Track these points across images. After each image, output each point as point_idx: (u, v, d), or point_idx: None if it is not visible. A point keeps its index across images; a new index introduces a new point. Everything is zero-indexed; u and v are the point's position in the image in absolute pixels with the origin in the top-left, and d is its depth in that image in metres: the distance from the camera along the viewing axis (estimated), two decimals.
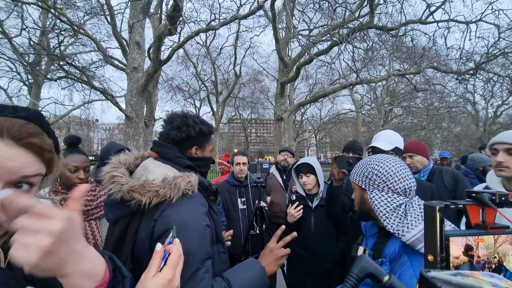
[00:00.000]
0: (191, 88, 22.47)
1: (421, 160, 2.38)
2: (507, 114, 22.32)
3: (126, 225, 0.96)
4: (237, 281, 0.98)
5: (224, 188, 2.81)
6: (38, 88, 14.47)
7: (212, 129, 1.21)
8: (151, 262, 0.61)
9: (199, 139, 1.16)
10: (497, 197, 0.65)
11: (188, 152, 1.14)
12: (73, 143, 1.66)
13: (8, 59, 13.53)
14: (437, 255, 0.60)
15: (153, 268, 0.60)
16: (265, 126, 71.99)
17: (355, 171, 1.16)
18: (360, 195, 1.13)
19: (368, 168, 1.11)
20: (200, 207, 0.97)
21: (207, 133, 1.18)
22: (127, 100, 6.60)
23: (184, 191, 0.93)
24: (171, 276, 0.61)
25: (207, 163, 1.20)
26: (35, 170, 0.52)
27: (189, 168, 1.08)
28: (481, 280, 0.41)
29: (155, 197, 0.90)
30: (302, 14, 9.91)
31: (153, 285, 0.59)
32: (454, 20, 8.64)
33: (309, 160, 2.14)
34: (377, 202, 1.04)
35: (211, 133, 1.20)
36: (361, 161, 1.20)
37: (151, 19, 8.68)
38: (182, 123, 1.13)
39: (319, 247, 2.01)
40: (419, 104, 17.65)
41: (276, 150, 9.67)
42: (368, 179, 1.09)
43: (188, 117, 1.15)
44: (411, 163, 2.39)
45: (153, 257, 0.62)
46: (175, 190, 0.91)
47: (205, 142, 1.19)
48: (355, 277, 0.56)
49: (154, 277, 0.59)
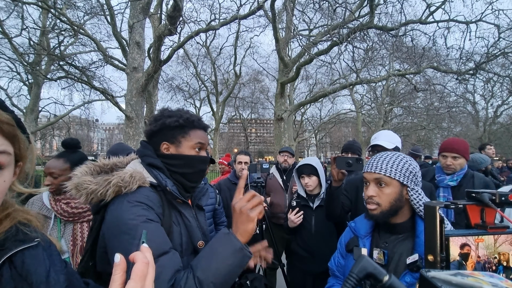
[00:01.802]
0: (191, 88, 22.48)
1: (463, 163, 2.17)
2: (507, 114, 22.34)
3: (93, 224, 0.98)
4: (203, 264, 0.79)
5: (225, 186, 2.85)
6: (38, 88, 14.46)
7: (186, 121, 1.02)
8: (112, 278, 0.49)
9: (167, 134, 1.02)
10: (497, 197, 0.65)
11: (159, 149, 1.02)
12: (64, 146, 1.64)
13: (8, 59, 13.55)
14: (437, 255, 0.60)
15: (114, 285, 0.48)
16: (265, 126, 71.96)
17: (392, 166, 1.09)
18: (399, 191, 1.08)
19: (409, 164, 1.10)
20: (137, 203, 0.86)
21: (176, 126, 1.01)
22: (127, 100, 6.60)
23: (118, 189, 0.86)
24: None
25: (185, 162, 1.02)
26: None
27: (152, 166, 0.98)
28: (481, 280, 0.41)
29: (93, 195, 0.86)
30: (302, 14, 9.91)
31: None
32: (454, 20, 8.63)
33: (311, 161, 2.13)
34: (420, 197, 1.07)
35: (182, 126, 1.02)
36: (390, 155, 1.14)
37: (151, 19, 8.68)
38: (151, 118, 1.06)
39: (319, 247, 2.01)
40: (419, 104, 17.65)
41: (276, 150, 9.66)
42: (412, 175, 1.09)
43: (162, 111, 1.06)
44: (452, 164, 2.15)
45: (114, 271, 0.50)
46: (106, 187, 0.86)
47: (178, 136, 1.02)
48: (355, 277, 0.56)
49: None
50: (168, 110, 1.06)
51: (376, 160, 1.13)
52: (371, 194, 1.09)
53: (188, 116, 1.04)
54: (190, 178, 1.04)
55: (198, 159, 1.04)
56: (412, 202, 1.07)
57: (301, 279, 2.09)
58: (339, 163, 1.62)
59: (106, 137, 59.67)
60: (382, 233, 1.14)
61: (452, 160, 2.15)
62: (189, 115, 1.05)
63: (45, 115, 18.32)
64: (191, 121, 1.03)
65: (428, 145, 25.41)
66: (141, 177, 0.91)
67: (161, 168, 0.99)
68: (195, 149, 1.04)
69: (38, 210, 1.56)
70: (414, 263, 0.95)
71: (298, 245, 2.12)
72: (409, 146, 18.24)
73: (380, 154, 1.17)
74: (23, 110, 15.91)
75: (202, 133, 1.07)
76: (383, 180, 1.08)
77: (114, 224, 0.83)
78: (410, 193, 1.07)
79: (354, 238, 1.22)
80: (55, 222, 1.55)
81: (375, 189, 1.10)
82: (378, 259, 1.08)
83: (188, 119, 1.03)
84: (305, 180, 2.10)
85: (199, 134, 1.05)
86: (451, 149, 2.17)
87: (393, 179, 1.07)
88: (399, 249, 1.06)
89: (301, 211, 2.05)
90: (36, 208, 1.57)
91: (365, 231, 1.18)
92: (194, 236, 1.00)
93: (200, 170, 1.07)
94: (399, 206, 1.08)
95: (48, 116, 17.87)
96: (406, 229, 1.09)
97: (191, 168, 1.03)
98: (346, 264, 1.24)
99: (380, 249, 1.09)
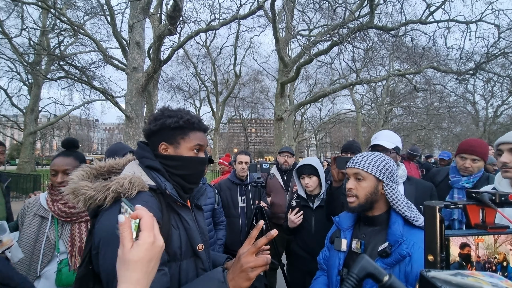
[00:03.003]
0: (191, 88, 22.51)
1: (481, 166, 2.07)
2: (507, 114, 22.34)
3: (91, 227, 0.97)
4: None
5: (225, 186, 2.86)
6: (38, 88, 14.47)
7: (186, 123, 1.01)
8: (122, 236, 0.55)
9: (166, 134, 1.01)
10: (497, 197, 0.65)
11: (158, 149, 1.01)
12: (65, 145, 1.64)
13: (8, 59, 13.57)
14: (437, 255, 0.60)
15: (127, 240, 0.55)
16: (265, 126, 72.00)
17: (370, 162, 1.20)
18: (374, 185, 1.19)
19: (386, 162, 1.21)
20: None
21: (176, 127, 0.99)
22: (127, 100, 6.61)
23: (117, 195, 0.84)
24: (152, 238, 0.57)
25: (183, 163, 1.01)
26: None
27: (151, 168, 0.98)
28: (481, 280, 0.41)
29: (91, 201, 0.85)
30: (302, 14, 9.92)
31: (136, 255, 0.55)
32: (454, 20, 8.64)
33: (311, 161, 2.12)
34: (396, 193, 1.18)
35: (182, 127, 1.00)
36: (369, 154, 1.25)
37: (151, 19, 8.69)
38: (151, 117, 1.04)
39: (319, 247, 2.01)
40: (419, 104, 17.67)
41: (276, 150, 9.67)
42: (388, 172, 1.19)
43: (162, 110, 1.04)
44: (470, 167, 2.05)
45: (122, 230, 0.56)
46: (105, 193, 0.83)
47: (177, 137, 1.01)
48: (355, 277, 0.56)
49: (133, 247, 0.55)
50: (169, 109, 1.04)
51: (357, 157, 1.26)
52: (349, 187, 1.22)
53: (188, 118, 1.02)
54: (189, 180, 1.04)
55: (196, 160, 1.04)
56: (387, 196, 1.18)
57: (301, 279, 2.09)
58: (339, 163, 1.62)
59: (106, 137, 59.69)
60: (362, 226, 1.26)
61: (471, 162, 2.05)
62: (189, 116, 1.03)
63: (45, 115, 18.35)
64: (192, 123, 1.02)
65: (428, 145, 25.44)
66: (140, 183, 0.89)
67: (160, 170, 0.98)
68: (194, 150, 1.03)
69: (36, 211, 1.56)
70: (383, 250, 1.07)
71: (298, 245, 2.12)
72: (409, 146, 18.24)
73: (361, 153, 1.29)
74: (23, 110, 15.93)
75: (201, 135, 1.06)
76: (361, 174, 1.20)
77: (110, 232, 0.79)
78: (385, 188, 1.18)
79: (336, 231, 1.33)
80: (53, 222, 1.55)
81: (354, 183, 1.22)
82: (356, 249, 1.20)
83: (188, 120, 1.01)
84: (305, 180, 2.10)
85: (198, 135, 1.04)
86: (471, 151, 2.06)
87: (369, 174, 1.19)
88: (375, 239, 1.18)
89: (301, 211, 2.05)
90: (34, 209, 1.57)
91: (347, 224, 1.30)
92: (193, 239, 0.99)
93: (199, 171, 1.07)
94: (374, 199, 1.19)
95: (48, 116, 17.90)
96: (382, 222, 1.20)
97: (190, 169, 1.03)
98: (330, 255, 1.34)
99: (358, 240, 1.21)
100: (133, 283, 0.54)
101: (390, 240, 1.09)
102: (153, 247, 0.57)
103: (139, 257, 0.55)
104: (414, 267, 1.02)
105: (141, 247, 0.55)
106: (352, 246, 1.22)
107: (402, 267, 1.05)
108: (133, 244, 0.55)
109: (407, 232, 1.10)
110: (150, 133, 1.03)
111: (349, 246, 1.23)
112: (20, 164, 14.22)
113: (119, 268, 0.56)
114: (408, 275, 1.03)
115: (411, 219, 1.12)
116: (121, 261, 0.56)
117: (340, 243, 1.25)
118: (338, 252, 1.25)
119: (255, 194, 2.66)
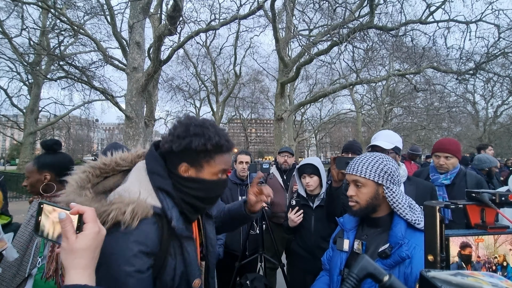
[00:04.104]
0: (191, 88, 22.47)
1: (455, 163, 2.23)
2: (507, 114, 22.34)
3: None
4: None
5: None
6: (38, 88, 14.47)
7: (214, 147, 0.91)
8: (66, 230, 0.60)
9: (189, 155, 0.90)
10: (497, 197, 0.65)
11: (177, 169, 0.92)
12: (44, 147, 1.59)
13: (8, 59, 13.57)
14: (437, 255, 0.60)
15: (70, 233, 0.60)
16: (265, 126, 71.98)
17: (367, 167, 1.18)
18: (375, 190, 1.17)
19: (385, 164, 1.18)
20: (129, 247, 0.77)
21: (203, 150, 0.89)
22: (127, 100, 6.61)
23: (116, 222, 0.78)
24: (98, 228, 0.63)
25: (204, 186, 0.92)
26: None
27: (162, 190, 0.89)
28: (481, 280, 0.41)
29: None
30: (302, 14, 9.91)
31: (84, 244, 0.60)
32: (454, 20, 8.63)
33: (313, 161, 2.12)
34: (397, 195, 1.15)
35: (209, 151, 0.90)
36: (367, 157, 1.23)
37: (151, 19, 8.68)
38: (173, 131, 0.92)
39: (319, 247, 2.01)
40: (419, 104, 17.66)
41: (276, 150, 9.66)
42: (387, 175, 1.17)
43: (187, 125, 0.91)
44: (444, 164, 2.21)
45: (64, 225, 0.60)
46: (103, 218, 0.77)
47: (201, 160, 0.91)
48: (355, 277, 0.56)
49: (79, 237, 0.60)
50: (194, 125, 0.91)
51: (354, 163, 1.24)
52: (350, 194, 1.21)
53: (217, 140, 0.91)
54: (206, 201, 0.97)
55: (218, 183, 0.96)
56: (387, 199, 1.16)
57: (301, 279, 2.09)
58: (339, 164, 1.62)
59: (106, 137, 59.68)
60: (365, 227, 1.25)
61: (445, 160, 2.22)
62: (218, 138, 0.92)
63: (45, 115, 18.34)
64: (220, 146, 0.92)
65: (428, 145, 25.41)
66: (144, 210, 0.81)
67: (170, 194, 0.90)
68: (218, 175, 0.95)
69: (32, 212, 1.56)
70: (383, 251, 1.06)
71: (298, 245, 2.12)
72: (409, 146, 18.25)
73: (359, 157, 1.26)
74: (23, 110, 15.94)
75: (228, 158, 0.97)
76: (359, 181, 1.19)
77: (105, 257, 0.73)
78: (385, 191, 1.16)
79: (340, 231, 1.33)
80: None
81: (354, 189, 1.21)
82: (357, 249, 1.20)
83: (217, 143, 0.91)
84: (306, 179, 2.10)
85: (225, 159, 0.95)
86: (443, 149, 2.24)
87: (368, 179, 1.17)
88: (376, 240, 1.17)
89: (301, 210, 2.05)
90: (32, 210, 1.58)
91: (351, 225, 1.29)
92: (191, 273, 0.90)
93: (219, 193, 1.01)
94: (376, 203, 1.18)
95: (48, 116, 17.90)
96: (385, 223, 1.19)
97: (209, 193, 0.96)
98: (332, 255, 1.34)
99: (360, 241, 1.21)
100: (83, 268, 0.60)
101: (391, 242, 1.09)
102: (98, 236, 0.63)
103: (87, 245, 0.60)
104: (414, 269, 1.02)
105: (88, 236, 0.61)
106: (354, 246, 1.22)
107: (401, 269, 1.05)
108: (77, 236, 0.60)
109: (409, 235, 1.10)
110: (170, 151, 0.91)
111: (351, 246, 1.23)
112: (20, 164, 14.22)
113: (66, 257, 0.60)
114: (407, 277, 1.03)
115: (412, 222, 1.11)
116: (68, 251, 0.60)
117: (342, 243, 1.25)
118: (340, 252, 1.26)
119: None
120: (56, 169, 1.52)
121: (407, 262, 1.04)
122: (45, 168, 1.50)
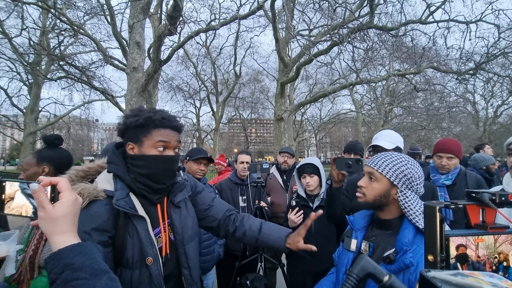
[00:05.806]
0: (191, 88, 22.47)
1: (457, 163, 2.23)
2: (507, 114, 22.34)
3: None
4: None
5: (226, 186, 2.88)
6: (38, 88, 14.46)
7: (146, 120, 0.99)
8: (41, 200, 0.61)
9: (131, 134, 1.01)
10: (497, 197, 0.65)
11: (127, 150, 1.03)
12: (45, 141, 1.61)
13: (8, 59, 13.55)
14: (437, 255, 0.60)
15: (46, 203, 0.61)
16: (265, 126, 71.97)
17: (387, 164, 1.14)
18: (386, 189, 1.13)
19: (407, 167, 1.13)
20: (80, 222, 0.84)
21: (137, 125, 0.99)
22: (127, 100, 6.61)
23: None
24: (74, 196, 0.65)
25: (146, 162, 0.99)
26: None
27: (115, 175, 1.01)
28: (481, 280, 0.41)
29: None
30: (302, 14, 9.92)
31: (64, 211, 0.62)
32: (454, 20, 8.63)
33: (313, 161, 2.12)
34: (410, 201, 1.11)
35: (143, 125, 0.99)
36: (392, 155, 1.19)
37: (151, 19, 8.68)
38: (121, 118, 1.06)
39: (319, 247, 2.00)
40: (419, 104, 17.65)
41: (276, 150, 9.66)
42: (406, 178, 1.12)
43: (132, 110, 1.06)
44: (447, 164, 2.20)
45: (38, 195, 0.61)
46: None
47: (140, 136, 1.00)
48: (355, 277, 0.56)
49: (56, 206, 0.62)
50: (138, 109, 1.04)
51: (377, 157, 1.21)
52: (360, 184, 1.19)
53: (150, 115, 0.99)
54: (156, 179, 1.01)
55: (160, 158, 1.00)
56: (399, 203, 1.12)
57: (301, 279, 2.09)
58: (339, 164, 1.61)
59: (106, 137, 59.63)
60: (374, 228, 1.22)
61: (447, 160, 2.20)
62: (152, 113, 1.00)
63: (45, 115, 18.32)
64: (152, 120, 0.99)
65: (428, 145, 25.40)
66: (90, 193, 0.92)
67: (120, 177, 1.00)
68: (158, 148, 1.00)
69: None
70: (388, 256, 1.04)
71: None
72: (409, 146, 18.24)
73: (384, 153, 1.23)
74: (23, 110, 15.93)
75: (166, 132, 1.02)
76: (374, 174, 1.16)
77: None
78: (398, 194, 1.12)
79: (349, 230, 1.31)
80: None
81: (366, 181, 1.19)
82: (364, 250, 1.18)
83: (149, 118, 0.99)
84: (306, 179, 2.09)
85: (162, 132, 1.01)
86: (446, 149, 2.22)
87: (383, 176, 1.14)
88: (384, 243, 1.14)
89: (301, 211, 2.04)
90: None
91: (360, 225, 1.27)
92: (144, 251, 0.96)
93: (164, 170, 1.02)
94: (383, 202, 1.15)
95: (48, 116, 17.89)
96: (394, 226, 1.15)
97: (154, 168, 1.00)
98: (340, 253, 1.34)
99: (368, 242, 1.18)
100: (67, 232, 0.62)
101: (396, 247, 1.06)
102: (76, 203, 0.65)
103: (66, 212, 0.62)
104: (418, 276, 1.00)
105: (66, 204, 0.63)
106: (362, 247, 1.20)
107: (406, 275, 1.02)
108: (54, 205, 0.62)
109: (418, 240, 1.05)
110: (119, 134, 1.06)
111: (359, 247, 1.21)
112: (20, 164, 14.21)
113: (47, 226, 0.61)
114: (412, 284, 0.99)
115: (423, 230, 1.10)
116: (48, 220, 0.61)
117: (350, 242, 1.23)
118: (347, 251, 1.24)
119: (255, 194, 2.66)
120: (55, 162, 1.52)
121: (412, 269, 1.01)
122: (44, 160, 1.50)
